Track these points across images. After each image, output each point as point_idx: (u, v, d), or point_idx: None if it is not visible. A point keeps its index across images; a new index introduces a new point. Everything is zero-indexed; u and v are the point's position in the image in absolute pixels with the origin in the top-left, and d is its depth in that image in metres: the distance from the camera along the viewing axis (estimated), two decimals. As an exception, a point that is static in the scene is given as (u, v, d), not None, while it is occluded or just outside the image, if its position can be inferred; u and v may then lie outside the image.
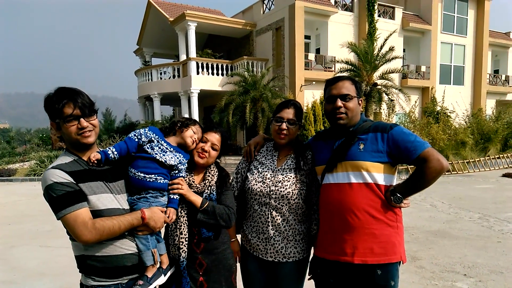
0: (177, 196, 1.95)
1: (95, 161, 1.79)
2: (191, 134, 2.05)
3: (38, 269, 4.69)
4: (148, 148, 1.92)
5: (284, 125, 2.17)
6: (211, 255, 2.05)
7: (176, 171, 1.98)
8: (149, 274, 1.85)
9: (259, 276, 2.25)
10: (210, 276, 2.05)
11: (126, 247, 1.79)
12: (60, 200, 1.63)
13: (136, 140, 1.94)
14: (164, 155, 1.93)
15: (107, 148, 1.90)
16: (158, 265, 1.89)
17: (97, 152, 1.82)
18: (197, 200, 1.99)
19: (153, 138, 1.95)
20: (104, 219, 1.68)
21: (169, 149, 1.98)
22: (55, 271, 4.53)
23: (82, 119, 1.70)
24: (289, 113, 2.19)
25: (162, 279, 1.91)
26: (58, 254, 5.11)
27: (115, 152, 1.87)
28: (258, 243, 2.19)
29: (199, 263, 2.03)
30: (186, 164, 2.03)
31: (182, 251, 1.99)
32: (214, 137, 2.11)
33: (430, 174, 1.85)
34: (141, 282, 1.82)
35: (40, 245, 5.66)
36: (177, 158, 1.97)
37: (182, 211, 2.01)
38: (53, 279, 4.32)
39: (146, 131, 1.97)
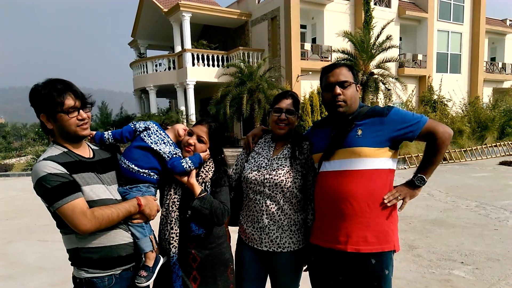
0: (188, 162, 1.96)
1: (90, 137, 1.86)
2: (182, 127, 2.07)
3: (36, 263, 4.69)
4: (145, 135, 1.93)
5: (283, 115, 2.18)
6: (205, 250, 2.02)
7: (176, 158, 1.98)
8: (150, 263, 1.86)
9: (254, 266, 2.24)
10: (204, 271, 2.02)
11: (121, 237, 1.79)
12: (55, 191, 1.61)
13: (132, 126, 1.97)
14: (160, 144, 1.93)
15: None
16: (155, 251, 1.90)
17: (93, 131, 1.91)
18: (197, 187, 1.97)
19: (150, 127, 1.97)
20: (102, 207, 1.68)
21: (167, 139, 1.97)
22: (53, 265, 4.53)
23: (81, 111, 1.71)
24: (287, 103, 2.20)
25: (162, 262, 1.93)
26: (56, 248, 5.09)
27: (110, 134, 1.94)
28: (253, 232, 2.19)
29: (192, 257, 2.01)
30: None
31: (173, 247, 1.97)
32: (201, 130, 2.05)
33: (442, 143, 1.91)
34: (144, 273, 1.82)
35: (38, 239, 5.66)
36: (175, 150, 1.98)
37: (173, 206, 1.99)
38: (52, 273, 4.33)
39: (145, 122, 2.00)
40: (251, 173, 2.21)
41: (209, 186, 2.06)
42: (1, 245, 5.52)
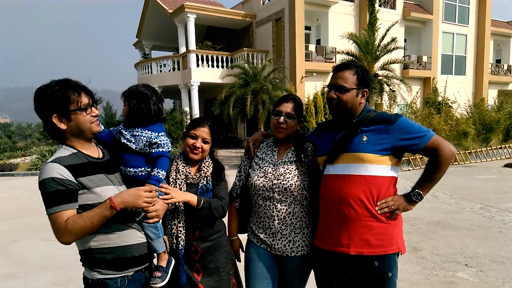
0: (158, 173, 1.88)
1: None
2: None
3: (40, 262, 4.72)
4: (121, 138, 1.90)
5: (282, 119, 2.17)
6: (206, 242, 2.10)
7: (155, 146, 1.89)
8: (163, 263, 1.88)
9: (269, 264, 2.20)
10: (206, 263, 2.09)
11: (134, 237, 1.79)
12: (49, 197, 1.61)
13: (113, 132, 1.95)
14: (130, 142, 1.88)
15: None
16: (167, 252, 1.92)
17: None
18: (193, 199, 1.99)
19: (120, 129, 1.92)
20: (75, 218, 1.62)
21: (130, 131, 1.89)
22: (57, 265, 4.56)
23: (93, 107, 1.73)
24: (287, 107, 2.19)
25: (173, 263, 1.96)
26: (60, 247, 5.07)
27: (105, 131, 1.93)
28: (265, 238, 2.18)
29: (194, 250, 2.08)
30: (164, 135, 1.94)
31: (181, 240, 2.02)
32: (203, 132, 2.13)
33: (444, 162, 1.89)
34: (158, 273, 1.84)
35: (42, 239, 5.68)
36: (144, 137, 1.88)
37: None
38: (56, 273, 4.35)
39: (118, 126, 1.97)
40: (258, 179, 2.19)
41: (210, 180, 2.13)
42: (5, 244, 5.55)
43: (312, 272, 2.23)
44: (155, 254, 1.91)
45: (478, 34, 23.19)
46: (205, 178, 2.12)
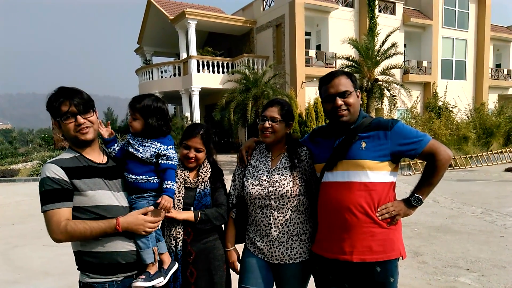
0: (172, 185, 1.94)
1: (108, 133, 1.97)
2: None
3: (42, 268, 4.72)
4: (129, 147, 1.94)
5: (266, 124, 2.15)
6: (200, 245, 2.14)
7: (165, 158, 1.93)
8: (152, 271, 1.87)
9: (264, 274, 2.19)
10: (199, 265, 2.12)
11: (121, 244, 1.80)
12: (46, 195, 1.68)
13: (122, 145, 2.02)
14: (137, 151, 1.91)
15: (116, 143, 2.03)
16: (157, 264, 1.91)
17: (113, 134, 2.00)
18: (190, 216, 2.08)
19: (128, 139, 1.98)
20: (77, 222, 1.69)
21: (139, 141, 1.94)
22: (59, 270, 4.56)
23: (78, 116, 1.73)
24: (272, 111, 2.17)
25: (162, 281, 1.90)
26: (62, 253, 5.11)
27: (116, 147, 2.02)
28: (263, 246, 2.16)
29: (188, 252, 2.11)
30: (173, 148, 1.99)
31: (180, 241, 2.09)
32: (195, 142, 2.17)
33: (442, 166, 1.91)
34: (143, 276, 1.83)
35: (43, 244, 5.67)
36: (153, 148, 1.92)
37: (180, 204, 2.12)
38: (57, 278, 4.35)
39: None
40: (254, 188, 2.17)
41: (208, 184, 2.19)
42: (6, 250, 5.55)
43: (312, 279, 2.22)
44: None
45: (478, 39, 23.27)
46: (203, 183, 2.18)
